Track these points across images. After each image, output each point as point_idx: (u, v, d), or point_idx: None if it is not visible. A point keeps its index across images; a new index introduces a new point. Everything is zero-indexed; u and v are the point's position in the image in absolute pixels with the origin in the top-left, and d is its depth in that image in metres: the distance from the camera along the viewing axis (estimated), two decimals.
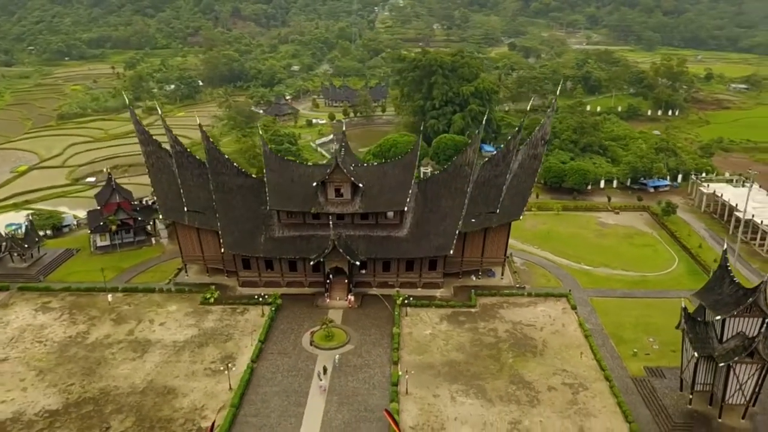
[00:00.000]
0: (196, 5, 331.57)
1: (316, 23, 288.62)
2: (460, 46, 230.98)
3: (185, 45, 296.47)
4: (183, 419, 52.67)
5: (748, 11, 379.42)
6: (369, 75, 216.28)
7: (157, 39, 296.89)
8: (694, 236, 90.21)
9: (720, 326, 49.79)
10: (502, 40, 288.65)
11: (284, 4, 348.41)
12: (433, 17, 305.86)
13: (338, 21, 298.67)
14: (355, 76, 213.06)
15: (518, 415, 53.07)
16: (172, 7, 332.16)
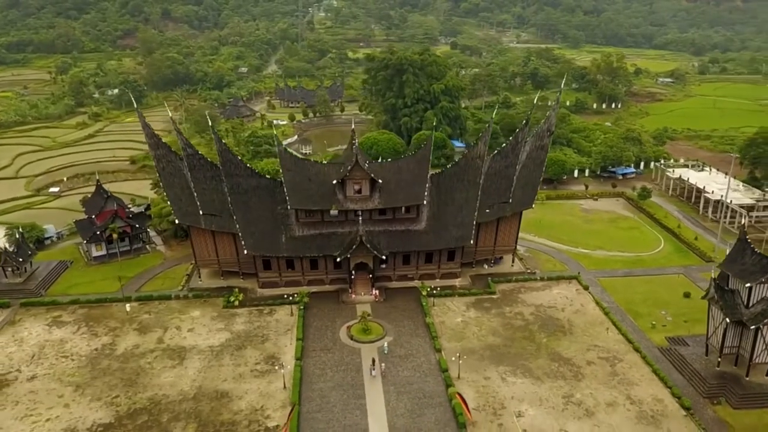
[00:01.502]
0: (123, 7, 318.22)
1: (256, 24, 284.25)
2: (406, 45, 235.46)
3: (115, 48, 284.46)
4: (246, 421, 52.24)
5: (659, 10, 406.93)
6: (319, 75, 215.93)
7: (84, 42, 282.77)
8: (670, 218, 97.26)
9: (747, 293, 54.84)
10: (439, 39, 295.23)
11: (216, 5, 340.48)
12: (371, 17, 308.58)
13: (276, 22, 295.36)
14: (306, 77, 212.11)
15: (568, 390, 56.21)
16: (96, 9, 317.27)
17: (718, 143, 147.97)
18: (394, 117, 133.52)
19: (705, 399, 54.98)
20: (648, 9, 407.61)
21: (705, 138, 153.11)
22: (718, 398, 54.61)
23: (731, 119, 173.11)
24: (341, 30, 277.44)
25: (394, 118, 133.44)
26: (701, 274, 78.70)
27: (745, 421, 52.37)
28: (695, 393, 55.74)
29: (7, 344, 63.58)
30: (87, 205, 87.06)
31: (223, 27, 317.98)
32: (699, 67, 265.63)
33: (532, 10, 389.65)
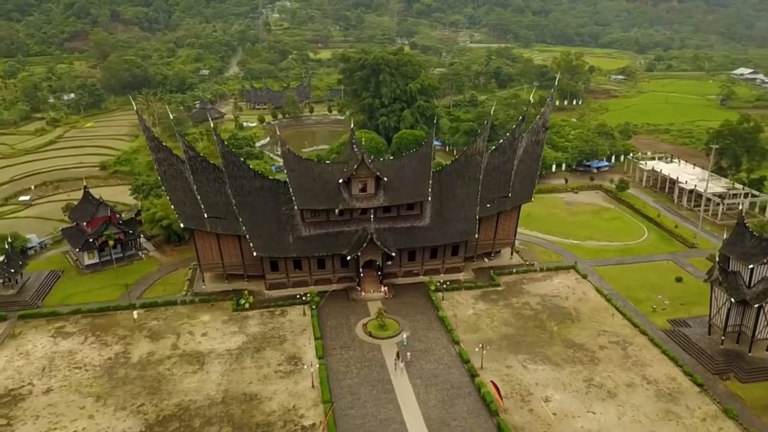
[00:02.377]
0: (68, 9, 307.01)
1: (213, 26, 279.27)
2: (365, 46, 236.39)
3: (63, 51, 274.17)
4: (281, 421, 52.10)
5: (602, 11, 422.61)
6: (282, 76, 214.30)
7: (29, 45, 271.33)
8: (648, 208, 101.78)
9: (749, 274, 58.42)
10: (396, 40, 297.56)
11: (166, 7, 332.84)
12: (328, 19, 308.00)
13: (231, 23, 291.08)
14: (270, 78, 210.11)
15: (587, 374, 58.48)
16: (40, 11, 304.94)
17: (677, 136, 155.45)
18: (371, 116, 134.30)
19: (714, 375, 58.21)
20: (592, 9, 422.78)
21: (664, 132, 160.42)
22: (727, 374, 57.95)
23: (684, 114, 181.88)
24: (299, 31, 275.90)
25: (371, 118, 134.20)
26: (688, 259, 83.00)
27: (754, 394, 55.80)
28: (704, 370, 58.92)
29: (13, 358, 61.13)
30: (74, 213, 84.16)
31: (175, 28, 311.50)
32: (647, 64, 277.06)
33: (483, 11, 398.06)
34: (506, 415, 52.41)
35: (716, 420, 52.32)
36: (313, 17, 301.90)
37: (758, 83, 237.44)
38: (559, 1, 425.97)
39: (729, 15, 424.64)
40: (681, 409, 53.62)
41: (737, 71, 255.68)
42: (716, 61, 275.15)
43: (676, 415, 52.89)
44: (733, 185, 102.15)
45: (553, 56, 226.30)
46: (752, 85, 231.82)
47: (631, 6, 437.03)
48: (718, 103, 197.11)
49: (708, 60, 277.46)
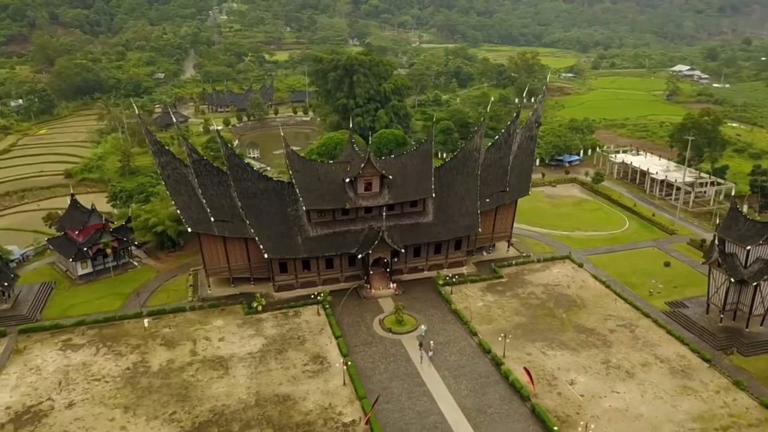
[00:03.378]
0: (2, 11, 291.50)
1: (163, 29, 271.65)
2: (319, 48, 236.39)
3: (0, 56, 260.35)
4: (321, 420, 52.27)
5: (543, 11, 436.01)
6: (240, 78, 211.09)
7: None
8: (624, 198, 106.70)
9: (745, 255, 62.66)
10: (349, 41, 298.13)
11: (107, 9, 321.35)
12: (279, 20, 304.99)
13: (180, 25, 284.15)
14: (229, 80, 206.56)
15: (603, 356, 61.28)
16: None
17: (633, 130, 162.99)
18: (345, 117, 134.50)
19: (718, 351, 62.10)
20: (534, 10, 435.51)
21: (621, 126, 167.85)
22: (730, 349, 61.95)
23: (635, 109, 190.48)
24: (250, 33, 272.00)
25: (345, 118, 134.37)
26: (671, 245, 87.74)
27: (757, 366, 59.95)
28: (708, 347, 62.73)
29: (24, 374, 58.61)
30: (62, 222, 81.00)
31: (118, 31, 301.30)
32: (592, 62, 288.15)
33: (429, 12, 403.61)
34: (538, 400, 54.35)
35: (729, 392, 55.99)
36: (263, 19, 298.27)
37: (696, 79, 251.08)
38: (502, 2, 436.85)
39: (659, 15, 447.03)
40: (696, 384, 57.06)
41: (676, 68, 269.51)
42: (655, 59, 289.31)
43: (693, 389, 56.25)
44: (700, 175, 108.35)
45: (510, 56, 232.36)
46: (691, 81, 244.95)
47: (570, 7, 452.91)
48: (664, 98, 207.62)
49: (648, 58, 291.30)
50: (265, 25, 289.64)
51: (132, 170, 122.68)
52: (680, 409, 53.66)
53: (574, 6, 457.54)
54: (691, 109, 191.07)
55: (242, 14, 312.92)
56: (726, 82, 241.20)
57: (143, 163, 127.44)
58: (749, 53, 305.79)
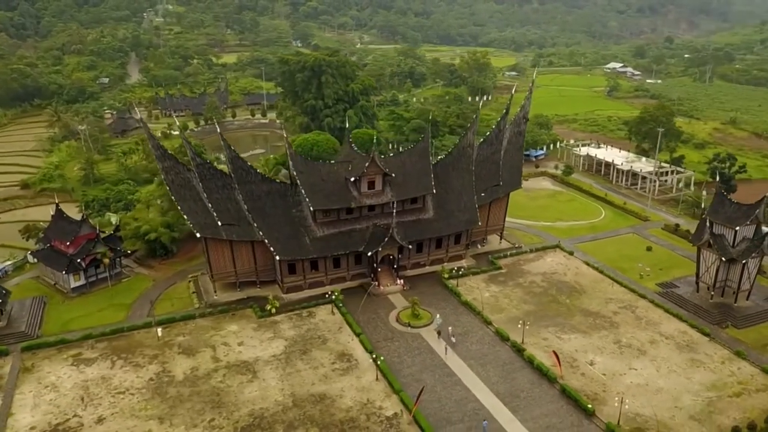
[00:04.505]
0: None
1: (101, 31, 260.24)
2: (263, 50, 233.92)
3: None
4: (363, 416, 52.83)
5: (478, 12, 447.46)
6: (190, 82, 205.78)
7: None
8: (595, 189, 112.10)
9: (733, 235, 67.76)
10: (293, 42, 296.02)
11: (34, 11, 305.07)
12: (221, 22, 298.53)
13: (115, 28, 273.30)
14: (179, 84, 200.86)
15: (614, 337, 64.77)
16: None
17: (585, 125, 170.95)
18: (314, 118, 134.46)
19: (714, 326, 66.83)
20: (469, 11, 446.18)
21: (572, 121, 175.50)
22: (725, 323, 66.85)
23: (581, 104, 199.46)
24: (191, 36, 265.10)
25: (314, 119, 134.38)
26: (647, 231, 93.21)
27: (751, 336, 65.01)
28: (704, 323, 67.34)
29: (41, 392, 55.97)
30: (49, 233, 77.38)
31: (46, 35, 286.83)
32: (531, 61, 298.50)
33: (368, 13, 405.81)
34: (564, 381, 56.96)
35: (732, 361, 60.56)
36: (203, 21, 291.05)
37: (629, 76, 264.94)
38: (438, 4, 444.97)
39: (585, 15, 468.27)
40: (702, 356, 61.34)
41: (609, 65, 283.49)
42: (590, 57, 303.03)
43: (700, 361, 60.47)
44: (661, 164, 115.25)
45: (460, 56, 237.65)
46: (625, 78, 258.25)
47: (502, 7, 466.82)
48: (605, 94, 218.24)
49: (582, 56, 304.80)
50: (206, 27, 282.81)
51: (96, 178, 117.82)
52: (694, 380, 57.62)
53: (506, 7, 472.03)
54: (631, 104, 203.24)
55: (180, 16, 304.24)
56: (657, 78, 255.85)
57: (107, 170, 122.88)
58: (672, 51, 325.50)
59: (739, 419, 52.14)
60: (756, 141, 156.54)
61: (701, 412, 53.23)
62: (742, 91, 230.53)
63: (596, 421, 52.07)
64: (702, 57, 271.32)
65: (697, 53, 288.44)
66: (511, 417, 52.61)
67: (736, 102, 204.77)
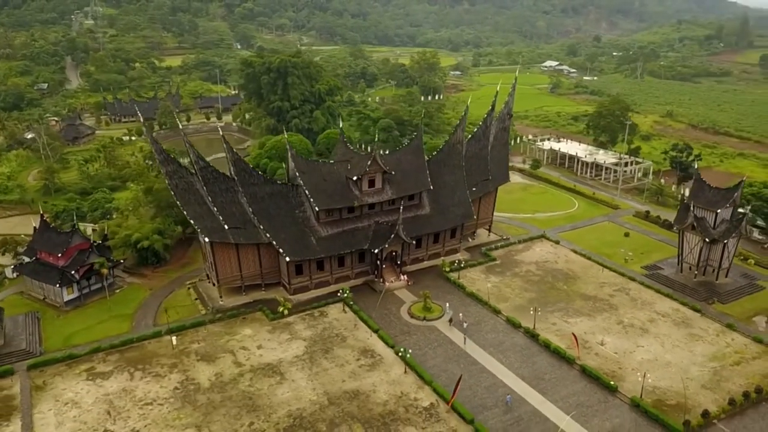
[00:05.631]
0: None
1: (31, 34, 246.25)
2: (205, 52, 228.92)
3: None
4: (402, 408, 53.74)
5: (413, 13, 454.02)
6: (134, 86, 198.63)
7: None
8: (563, 181, 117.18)
9: (714, 218, 73.13)
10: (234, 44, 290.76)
11: None
12: (157, 24, 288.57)
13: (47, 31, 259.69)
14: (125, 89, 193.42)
15: (616, 318, 68.56)
16: None
17: (536, 120, 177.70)
18: (281, 119, 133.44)
19: (702, 302, 71.87)
20: (404, 11, 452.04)
21: (524, 117, 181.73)
22: (712, 299, 72.04)
23: (527, 101, 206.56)
24: (128, 39, 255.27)
25: (281, 120, 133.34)
26: (620, 218, 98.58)
27: (736, 310, 70.39)
28: (693, 300, 72.33)
29: (61, 409, 53.63)
30: (33, 245, 73.73)
31: None
32: (472, 60, 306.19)
33: (304, 14, 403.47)
34: (582, 362, 59.96)
35: (725, 333, 65.49)
36: (139, 24, 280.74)
37: (566, 73, 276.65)
38: (373, 5, 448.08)
39: (515, 16, 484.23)
40: (698, 330, 65.99)
41: (546, 64, 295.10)
42: (526, 56, 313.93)
43: (698, 336, 65.05)
44: (620, 156, 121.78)
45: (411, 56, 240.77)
46: (562, 75, 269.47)
47: (437, 8, 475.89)
48: (548, 91, 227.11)
49: (519, 55, 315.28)
50: (142, 30, 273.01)
51: (57, 188, 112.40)
52: (697, 353, 62.00)
53: (439, 8, 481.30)
54: (574, 100, 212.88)
55: (112, 19, 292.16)
56: (592, 75, 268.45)
57: (67, 179, 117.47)
58: (601, 49, 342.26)
59: (745, 385, 56.65)
60: (693, 132, 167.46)
61: (710, 381, 57.45)
62: (670, 86, 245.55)
63: (620, 397, 55.25)
64: (631, 55, 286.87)
65: (626, 51, 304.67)
66: (542, 399, 54.98)
67: (667, 96, 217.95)
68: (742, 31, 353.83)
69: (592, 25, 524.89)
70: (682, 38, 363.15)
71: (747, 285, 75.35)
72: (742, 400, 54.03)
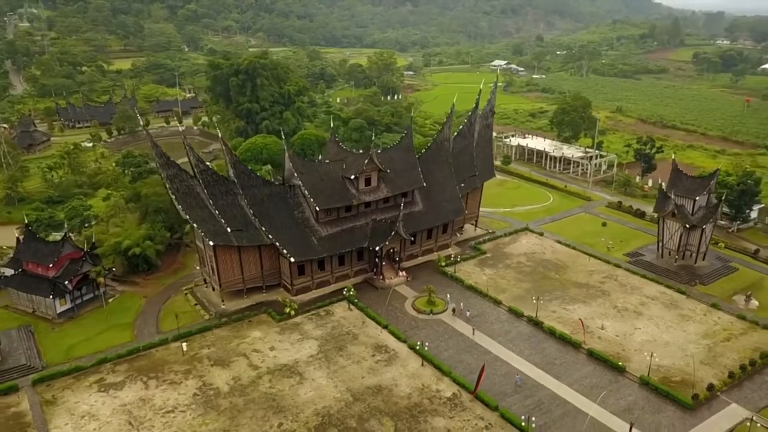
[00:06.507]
0: None
1: None
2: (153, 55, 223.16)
3: None
4: (426, 399, 54.81)
5: (358, 14, 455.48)
6: (84, 90, 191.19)
7: None
8: (534, 176, 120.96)
9: (692, 205, 77.65)
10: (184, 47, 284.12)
11: None
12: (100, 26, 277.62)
13: None
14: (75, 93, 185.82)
15: (610, 303, 71.79)
16: None
17: (496, 118, 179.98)
18: (250, 121, 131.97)
19: (685, 285, 76.18)
20: (349, 13, 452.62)
21: None
22: (694, 281, 76.46)
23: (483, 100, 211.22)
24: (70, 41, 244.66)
25: (250, 122, 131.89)
26: (595, 209, 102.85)
27: (717, 290, 74.98)
28: (676, 283, 76.54)
29: (79, 423, 51.92)
30: (19, 256, 70.60)
31: None
32: (423, 60, 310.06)
33: (249, 16, 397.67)
34: (588, 346, 62.67)
35: (711, 312, 69.75)
36: (81, 26, 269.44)
37: (514, 72, 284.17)
38: (319, 6, 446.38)
39: (458, 17, 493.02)
40: (686, 311, 70.01)
41: (494, 63, 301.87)
42: (475, 56, 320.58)
43: (687, 316, 69.03)
44: (586, 150, 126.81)
45: (368, 56, 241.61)
46: (512, 74, 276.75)
47: (381, 9, 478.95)
48: (501, 89, 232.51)
49: (467, 55, 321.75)
50: (85, 32, 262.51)
51: (21, 197, 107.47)
52: (690, 331, 65.82)
53: (384, 9, 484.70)
54: (527, 98, 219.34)
55: (50, 21, 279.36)
56: (540, 73, 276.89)
57: (30, 188, 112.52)
58: (545, 48, 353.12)
59: (738, 359, 60.66)
60: (643, 126, 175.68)
61: (707, 357, 61.18)
62: (614, 83, 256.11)
63: (629, 376, 58.16)
64: (574, 53, 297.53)
65: (569, 50, 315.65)
66: (557, 383, 57.21)
67: (614, 93, 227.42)
68: (674, 30, 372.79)
69: (530, 25, 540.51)
70: (619, 37, 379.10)
71: (722, 267, 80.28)
72: (740, 373, 57.89)
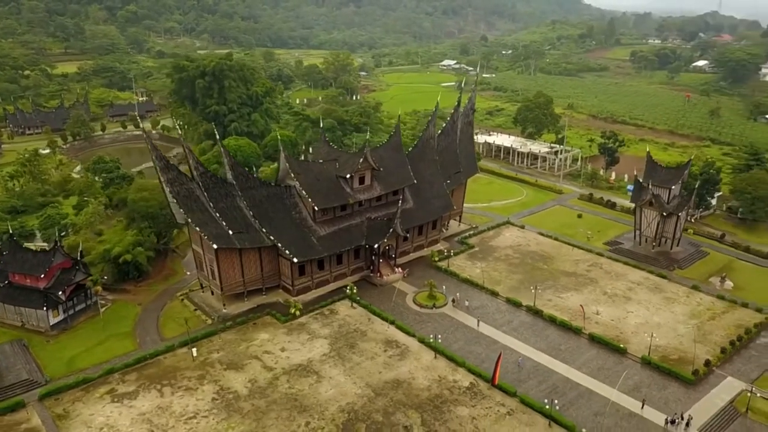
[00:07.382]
0: None
1: None
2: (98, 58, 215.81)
3: None
4: (447, 391, 56.08)
5: (303, 15, 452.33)
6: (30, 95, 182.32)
7: None
8: (504, 171, 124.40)
9: (667, 194, 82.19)
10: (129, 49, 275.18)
11: None
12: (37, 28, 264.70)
13: None
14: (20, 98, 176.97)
15: (600, 290, 75.16)
16: None
17: None
18: (218, 123, 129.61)
19: (665, 269, 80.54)
20: (294, 14, 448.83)
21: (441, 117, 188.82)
22: (672, 266, 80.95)
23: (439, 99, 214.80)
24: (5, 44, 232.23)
25: (218, 125, 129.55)
26: (568, 202, 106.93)
27: (694, 273, 79.71)
28: (656, 268, 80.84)
29: None
30: (6, 267, 67.47)
31: None
32: (374, 61, 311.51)
33: (192, 17, 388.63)
34: (589, 331, 65.53)
35: (693, 294, 74.17)
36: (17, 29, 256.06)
37: (463, 71, 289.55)
38: (263, 7, 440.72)
39: (401, 17, 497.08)
40: (670, 294, 74.17)
41: (444, 63, 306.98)
42: (424, 56, 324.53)
43: (672, 299, 73.15)
44: (551, 145, 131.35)
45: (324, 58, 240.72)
46: (461, 73, 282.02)
47: (325, 10, 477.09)
48: (455, 88, 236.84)
49: (416, 55, 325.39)
50: (22, 35, 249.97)
51: None
52: (677, 313, 69.82)
53: (328, 10, 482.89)
54: (481, 96, 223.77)
55: None
56: (489, 72, 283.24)
57: None
58: (490, 48, 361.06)
59: (725, 335, 64.95)
60: (594, 121, 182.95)
61: (697, 335, 65.07)
62: (560, 80, 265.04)
63: (631, 357, 61.31)
64: (520, 53, 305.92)
65: (514, 50, 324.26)
66: (567, 367, 59.72)
67: (562, 90, 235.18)
68: (609, 30, 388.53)
69: (471, 25, 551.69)
70: (559, 37, 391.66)
71: (695, 252, 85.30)
72: (730, 349, 62.01)
